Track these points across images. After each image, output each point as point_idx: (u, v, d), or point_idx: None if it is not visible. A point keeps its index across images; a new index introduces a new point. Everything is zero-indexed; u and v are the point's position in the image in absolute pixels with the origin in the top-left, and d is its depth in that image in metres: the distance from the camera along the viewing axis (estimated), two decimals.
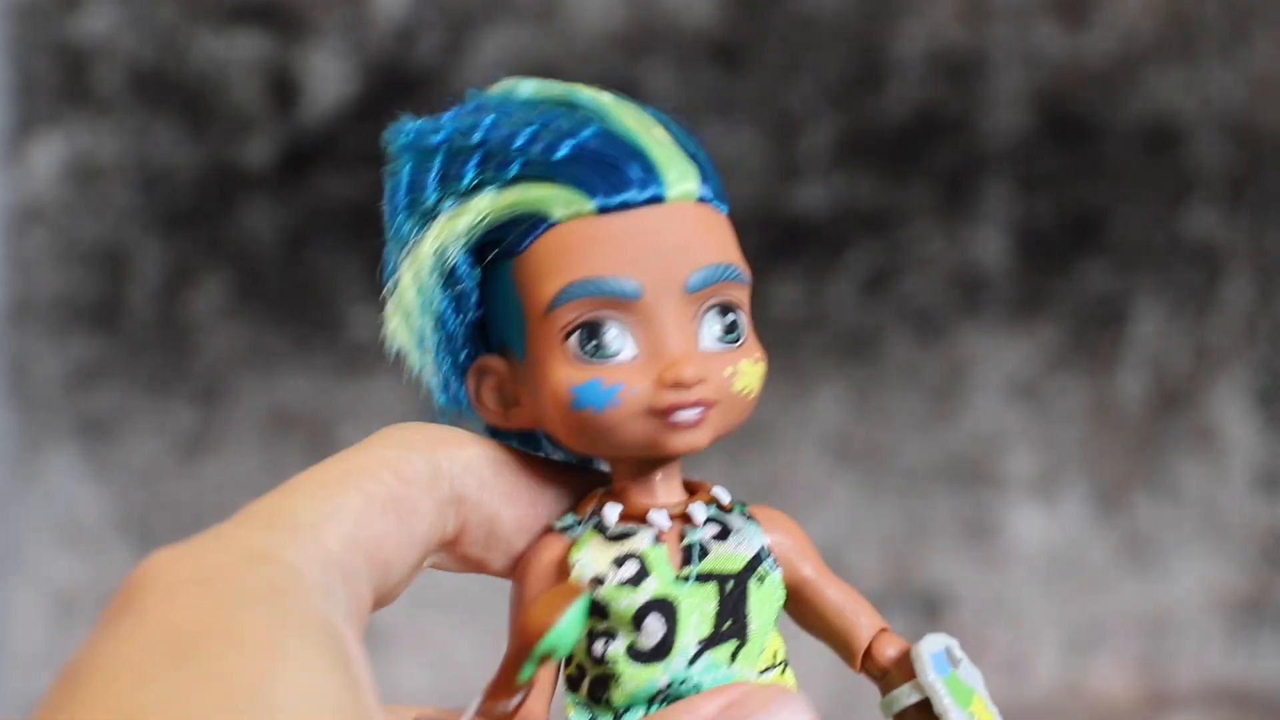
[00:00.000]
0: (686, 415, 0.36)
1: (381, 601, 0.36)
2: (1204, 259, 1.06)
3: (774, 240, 1.04)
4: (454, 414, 0.39)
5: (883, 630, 0.39)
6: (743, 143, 1.03)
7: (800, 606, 0.39)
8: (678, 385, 0.36)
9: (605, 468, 0.39)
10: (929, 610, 1.04)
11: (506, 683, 0.35)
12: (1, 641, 1.02)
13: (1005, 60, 1.05)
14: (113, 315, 1.05)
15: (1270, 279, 1.06)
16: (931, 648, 0.37)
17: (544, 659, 0.35)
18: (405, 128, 0.39)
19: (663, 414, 0.36)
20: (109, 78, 1.04)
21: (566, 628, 0.35)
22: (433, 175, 0.38)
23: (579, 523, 0.38)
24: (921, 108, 1.05)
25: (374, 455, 0.38)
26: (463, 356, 0.39)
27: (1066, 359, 1.06)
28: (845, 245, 1.05)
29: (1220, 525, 1.06)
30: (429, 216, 0.38)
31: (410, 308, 0.38)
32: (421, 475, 0.37)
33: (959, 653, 0.38)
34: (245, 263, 1.04)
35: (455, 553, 0.38)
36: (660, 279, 0.37)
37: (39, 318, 1.04)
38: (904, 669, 0.37)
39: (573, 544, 0.37)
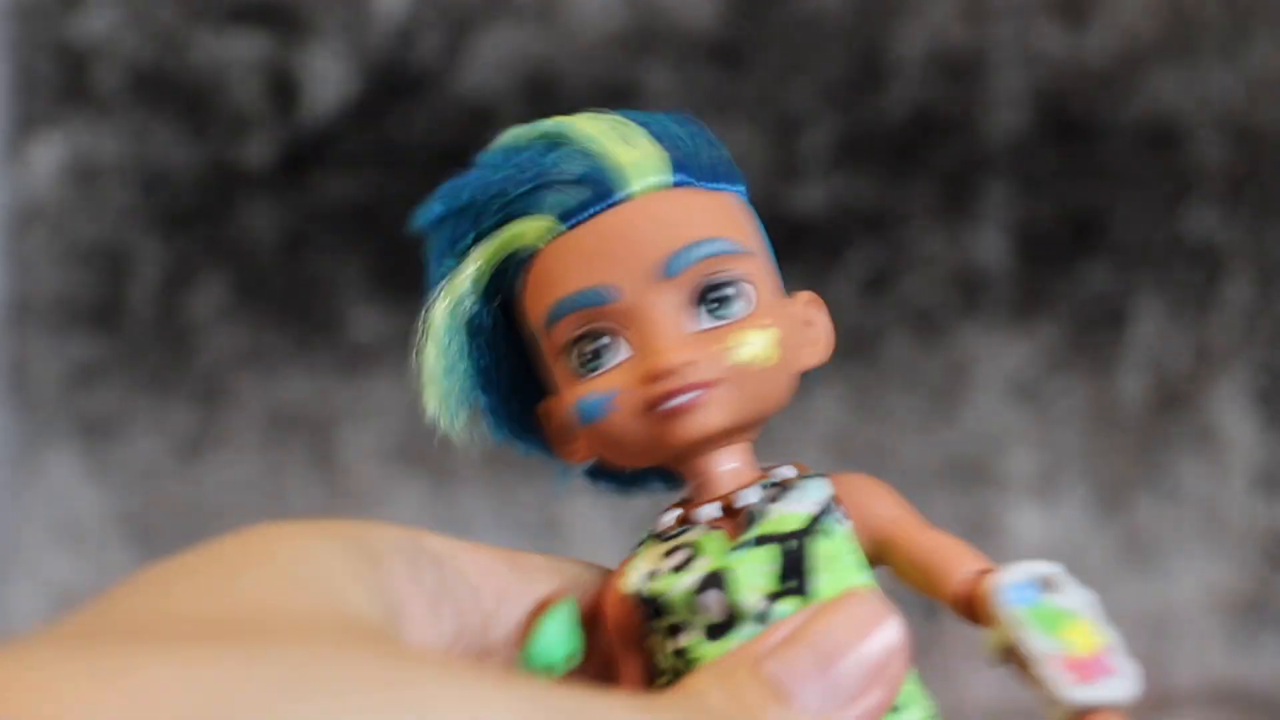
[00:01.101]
0: (680, 400, 0.36)
1: (488, 652, 0.36)
2: (1204, 259, 1.06)
3: (774, 240, 1.04)
4: (537, 455, 0.40)
5: (983, 570, 0.36)
6: (742, 143, 1.03)
7: (893, 559, 0.37)
8: (663, 375, 0.36)
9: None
10: (929, 610, 1.04)
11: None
12: (2, 641, 1.02)
13: (1005, 60, 1.05)
14: (113, 315, 1.05)
15: (1270, 279, 1.06)
16: (1011, 578, 0.35)
17: (549, 671, 0.34)
18: (424, 210, 0.39)
19: (655, 405, 0.36)
20: (109, 78, 1.04)
21: (547, 638, 0.34)
22: (445, 245, 0.39)
23: (642, 541, 0.37)
24: (921, 108, 1.05)
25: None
26: (519, 405, 0.39)
27: (1066, 359, 1.06)
28: (845, 245, 1.05)
29: (1220, 525, 1.06)
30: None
31: (435, 371, 0.38)
32: (540, 561, 0.37)
33: (1059, 578, 0.35)
34: (245, 263, 1.04)
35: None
36: (635, 274, 0.36)
37: (39, 318, 1.05)
38: (989, 607, 0.35)
39: (629, 559, 0.37)
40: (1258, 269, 1.06)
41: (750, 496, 0.36)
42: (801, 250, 1.04)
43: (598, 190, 0.37)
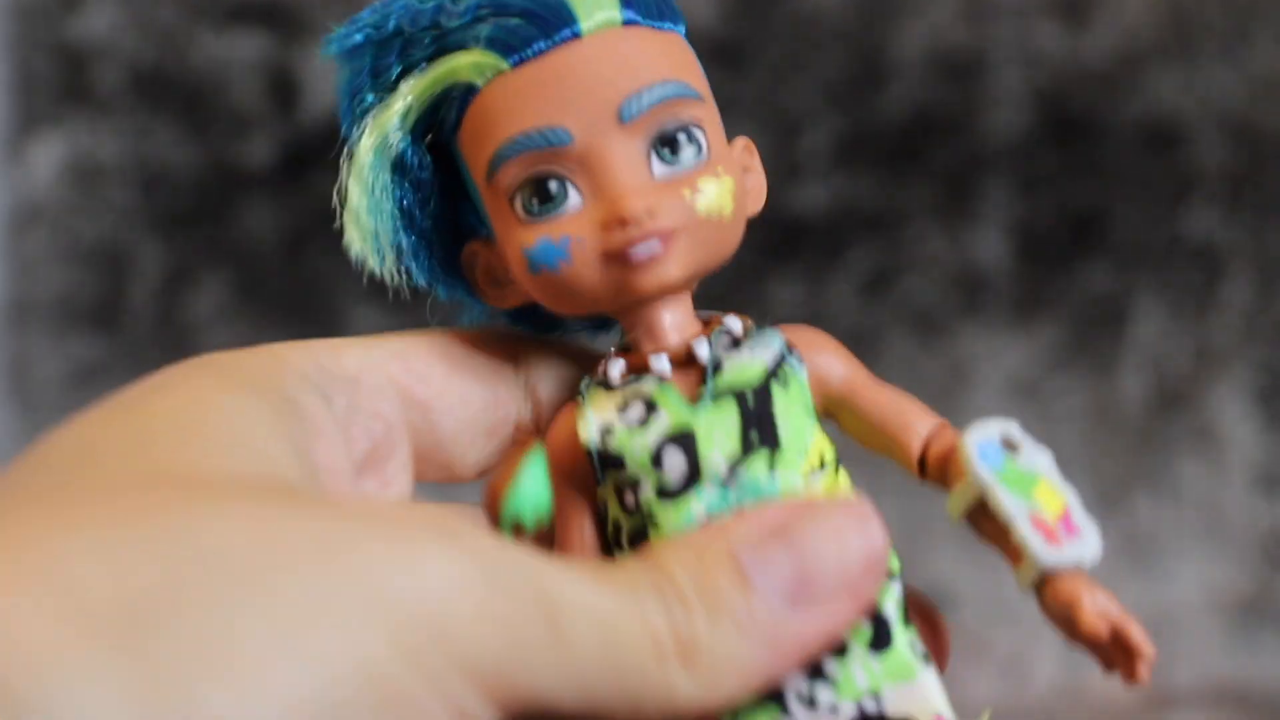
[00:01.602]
0: (642, 250, 0.34)
1: (446, 468, 0.36)
2: (1204, 259, 1.06)
3: (774, 240, 1.04)
4: (454, 307, 0.38)
5: (940, 426, 0.37)
6: None
7: (846, 416, 0.37)
8: (623, 223, 0.34)
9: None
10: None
11: None
12: None
13: (1005, 60, 1.05)
14: (113, 315, 1.05)
15: (1271, 279, 1.06)
16: (979, 437, 0.35)
17: (518, 527, 0.33)
18: (329, 38, 0.38)
19: (617, 256, 0.35)
20: (109, 78, 1.04)
21: (525, 487, 0.33)
22: (364, 75, 0.38)
23: (589, 385, 0.36)
24: (922, 108, 1.05)
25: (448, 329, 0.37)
26: (445, 247, 0.37)
27: (1066, 359, 1.06)
28: (845, 245, 1.05)
29: (1221, 525, 1.06)
30: (364, 114, 0.37)
31: (360, 210, 0.37)
32: (482, 346, 0.36)
33: (1018, 437, 0.35)
34: (246, 263, 1.04)
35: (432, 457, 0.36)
36: (590, 117, 0.34)
37: (39, 318, 1.05)
38: (959, 466, 0.35)
39: (578, 405, 0.36)
40: (1258, 269, 1.06)
41: (702, 348, 0.35)
42: (801, 250, 1.04)
43: (545, 26, 0.35)
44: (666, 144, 0.35)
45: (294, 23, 1.05)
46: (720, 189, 0.35)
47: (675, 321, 0.36)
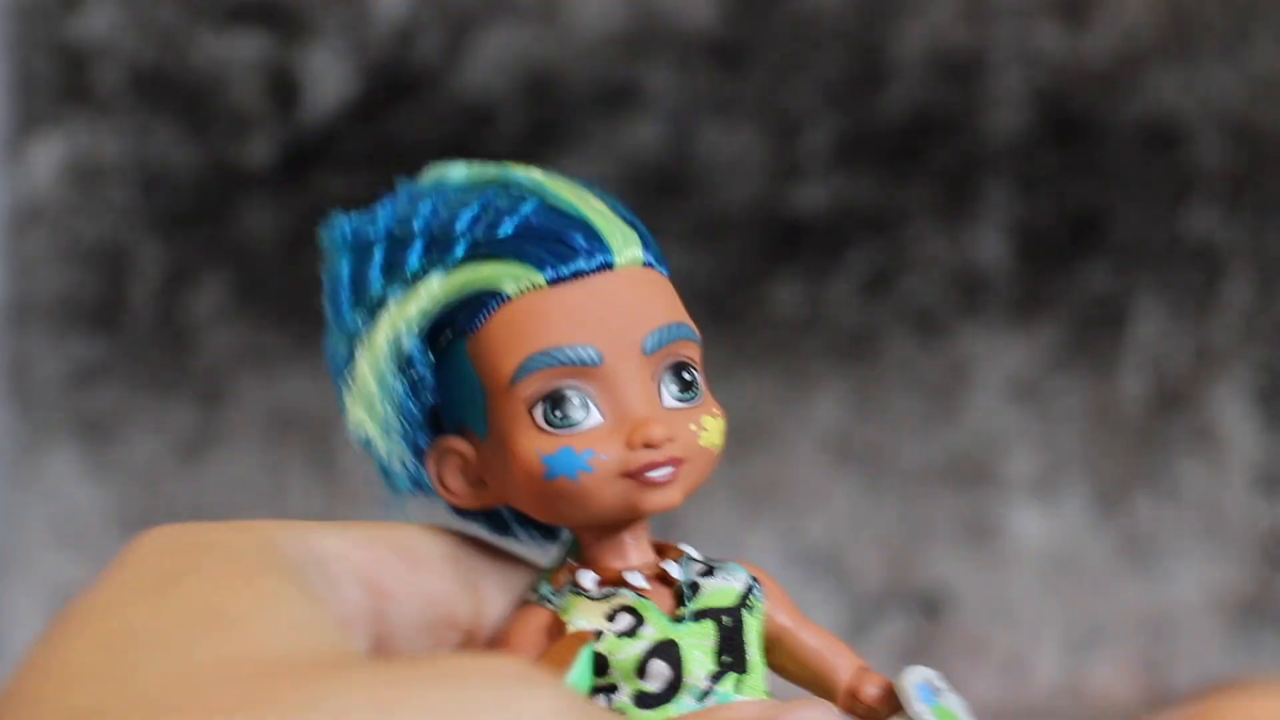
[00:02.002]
0: (660, 474, 0.37)
1: (383, 645, 0.37)
2: (1204, 259, 1.06)
3: (774, 240, 1.04)
4: (411, 499, 0.39)
5: (862, 668, 0.39)
6: (742, 143, 1.03)
7: (778, 653, 0.39)
8: (648, 445, 0.37)
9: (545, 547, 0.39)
10: (929, 610, 1.05)
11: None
12: (1, 641, 1.02)
13: (1005, 60, 1.05)
14: (113, 315, 1.05)
15: (1271, 279, 1.06)
16: (915, 679, 0.38)
17: None
18: (337, 225, 0.39)
19: (636, 474, 0.37)
20: (109, 77, 1.04)
21: (579, 677, 0.35)
22: (375, 267, 0.38)
23: (556, 592, 0.38)
24: (922, 108, 1.05)
25: (396, 524, 0.39)
26: (420, 441, 0.39)
27: (1066, 359, 1.06)
28: (845, 245, 1.05)
29: (1221, 525, 1.06)
30: (377, 307, 0.38)
31: (372, 397, 0.38)
32: (433, 548, 0.38)
33: (940, 683, 0.38)
34: (246, 262, 1.04)
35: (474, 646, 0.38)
36: (618, 343, 0.37)
37: (39, 317, 1.05)
38: (890, 703, 0.38)
39: (559, 611, 0.37)
40: (1258, 269, 1.06)
41: (674, 570, 0.38)
42: (801, 250, 1.05)
43: (586, 253, 0.37)
44: (675, 379, 0.38)
45: (294, 23, 1.05)
46: (717, 427, 0.38)
47: (636, 541, 0.39)
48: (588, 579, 0.38)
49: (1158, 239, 1.06)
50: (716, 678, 0.37)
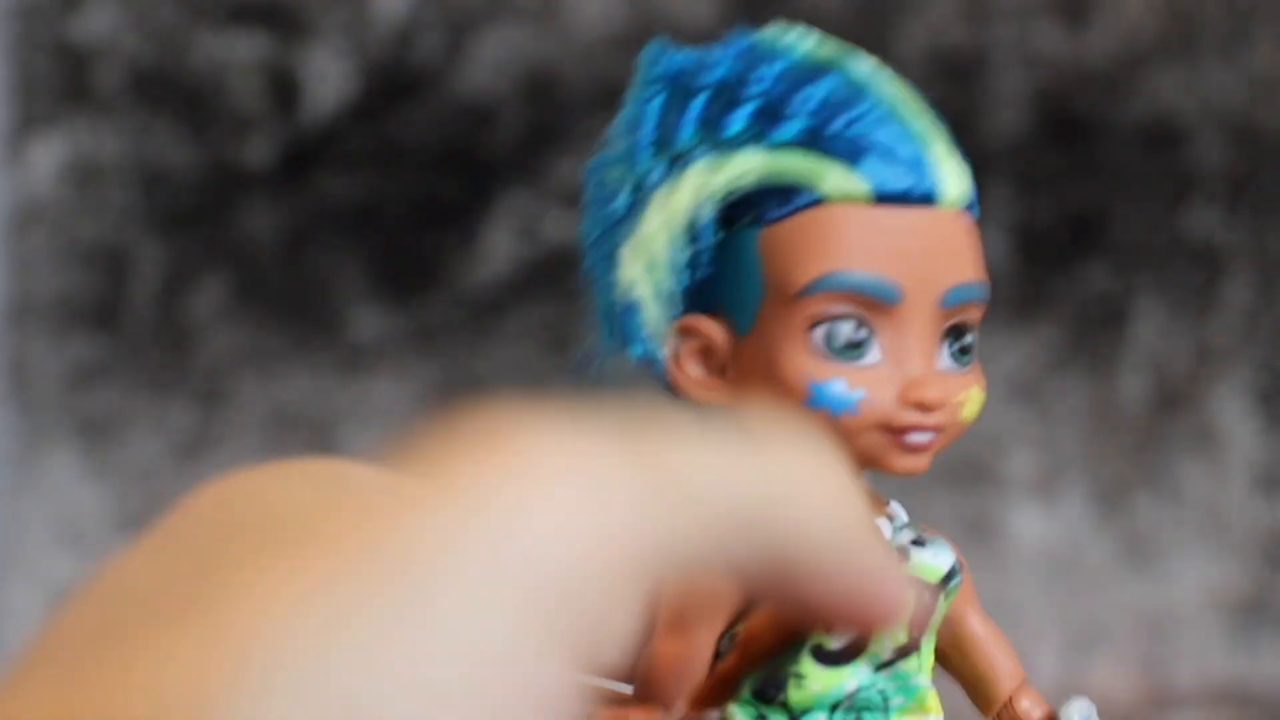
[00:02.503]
0: (920, 438, 0.35)
1: None
2: (1204, 259, 1.06)
3: None
4: (616, 359, 0.37)
5: (1025, 682, 0.38)
6: None
7: (950, 642, 0.37)
8: (921, 406, 0.34)
9: None
10: None
11: (727, 689, 0.34)
12: (1, 641, 1.02)
13: (1006, 61, 1.05)
14: (113, 315, 1.05)
15: (1270, 279, 1.06)
16: (1080, 712, 0.37)
17: None
18: (664, 56, 0.36)
19: (898, 432, 0.34)
20: (109, 78, 1.04)
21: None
22: (691, 115, 0.35)
23: None
24: None
25: None
26: (675, 313, 0.35)
27: (1067, 359, 1.06)
28: None
29: (1220, 525, 1.06)
30: (680, 158, 0.35)
31: (657, 255, 0.35)
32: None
33: (1097, 717, 0.37)
34: (245, 263, 1.04)
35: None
36: (920, 287, 0.34)
37: (39, 318, 1.05)
38: None
39: None
40: (1258, 269, 1.06)
41: (888, 529, 0.36)
42: None
43: (921, 185, 0.35)
44: (957, 340, 0.35)
45: (294, 23, 1.05)
46: (979, 401, 0.36)
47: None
48: None
49: (1158, 239, 1.06)
50: (903, 653, 0.35)
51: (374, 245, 1.03)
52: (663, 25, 1.10)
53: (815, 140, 0.34)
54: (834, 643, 0.34)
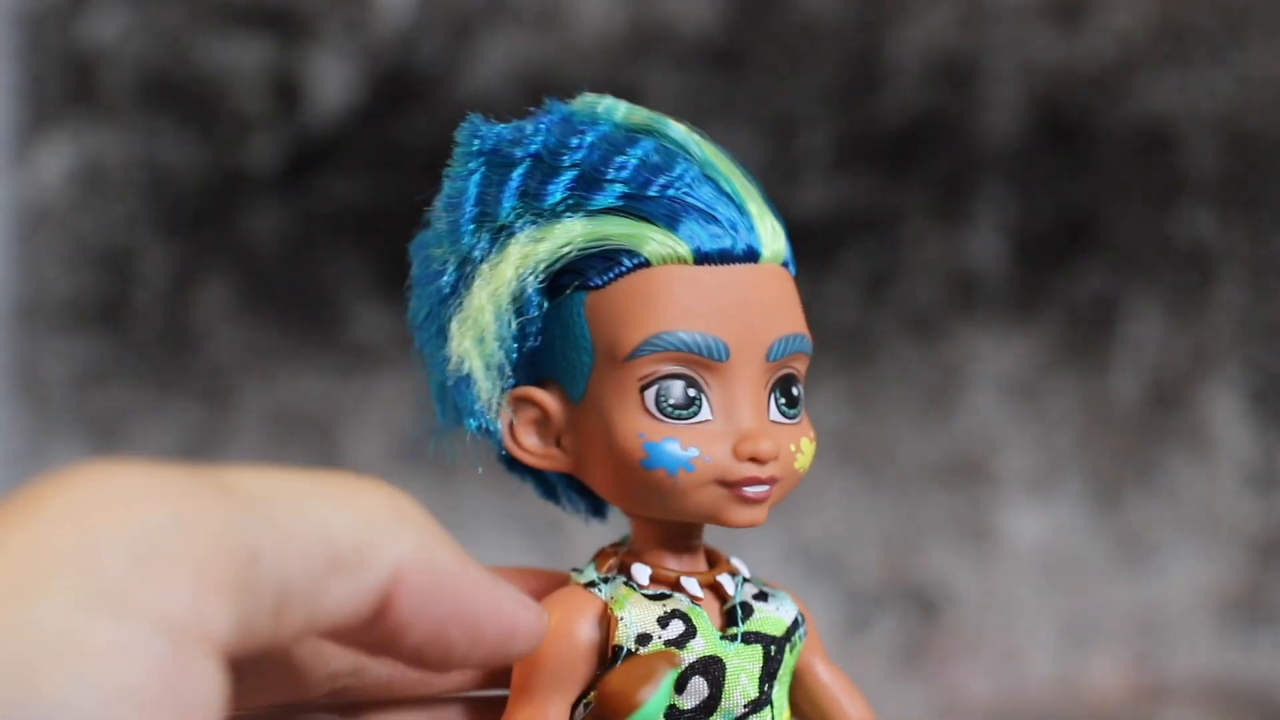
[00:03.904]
0: (756, 491, 0.35)
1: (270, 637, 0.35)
2: (1197, 261, 1.06)
3: None
4: (453, 436, 0.37)
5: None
6: (741, 145, 1.04)
7: (797, 691, 0.37)
8: (755, 459, 0.34)
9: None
10: (926, 608, 1.05)
11: None
12: None
13: (1001, 64, 1.06)
14: (119, 316, 1.05)
15: (1263, 280, 1.06)
16: None
17: None
18: (479, 131, 0.36)
19: (734, 486, 0.34)
20: (116, 82, 1.05)
21: (658, 702, 0.33)
22: (510, 188, 0.35)
23: (604, 579, 0.35)
24: (918, 111, 1.06)
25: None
26: (507, 385, 0.36)
27: (1061, 359, 1.06)
28: (843, 247, 1.06)
29: (1213, 524, 1.06)
30: (502, 232, 0.35)
31: (485, 329, 0.35)
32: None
33: None
34: (250, 264, 1.05)
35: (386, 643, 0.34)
36: (746, 342, 0.35)
37: (46, 319, 1.05)
38: None
39: (610, 600, 0.35)
40: (1250, 270, 1.06)
41: (730, 585, 0.36)
42: (800, 252, 1.05)
43: (740, 243, 0.35)
44: (785, 392, 0.36)
45: (298, 27, 1.05)
46: (811, 451, 0.36)
47: (695, 546, 0.36)
48: (643, 574, 0.35)
49: (1151, 241, 1.06)
50: (755, 707, 0.35)
51: (378, 247, 1.04)
52: (662, 29, 1.12)
53: (633, 205, 0.35)
54: (687, 703, 0.34)
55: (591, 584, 0.35)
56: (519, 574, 0.37)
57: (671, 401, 0.34)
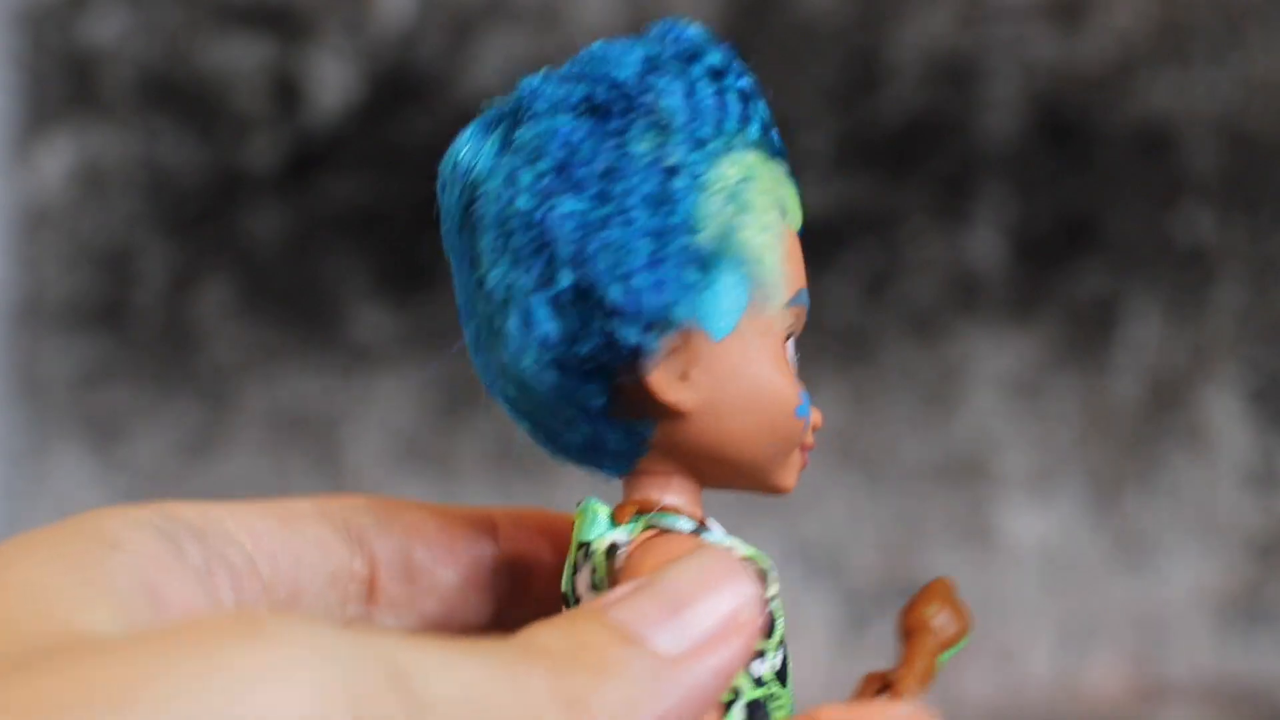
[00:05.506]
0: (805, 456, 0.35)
1: (293, 601, 0.35)
2: (1197, 261, 1.06)
3: None
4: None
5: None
6: None
7: None
8: (815, 427, 0.35)
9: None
10: None
11: (923, 677, 0.34)
12: None
13: (1000, 64, 1.06)
14: (119, 316, 1.05)
15: (1263, 281, 1.06)
16: None
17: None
18: (730, 57, 0.36)
19: (805, 450, 0.35)
20: (116, 82, 1.05)
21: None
22: (725, 109, 0.35)
23: (693, 526, 0.34)
24: (918, 111, 1.06)
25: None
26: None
27: (1061, 359, 1.06)
28: (842, 247, 1.06)
29: (1213, 524, 1.06)
30: (727, 138, 0.35)
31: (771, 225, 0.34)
32: (305, 506, 0.36)
33: None
34: (250, 264, 1.05)
35: (384, 596, 0.36)
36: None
37: (46, 319, 1.05)
38: None
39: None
40: (1250, 271, 1.06)
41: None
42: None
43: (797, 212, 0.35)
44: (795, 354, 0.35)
45: (299, 27, 1.05)
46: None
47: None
48: (685, 522, 0.33)
49: (1151, 241, 1.06)
50: None
51: (378, 247, 1.04)
52: None
53: (769, 147, 0.36)
54: (779, 663, 0.33)
55: (675, 529, 0.34)
56: (519, 515, 0.37)
57: (794, 357, 0.34)
